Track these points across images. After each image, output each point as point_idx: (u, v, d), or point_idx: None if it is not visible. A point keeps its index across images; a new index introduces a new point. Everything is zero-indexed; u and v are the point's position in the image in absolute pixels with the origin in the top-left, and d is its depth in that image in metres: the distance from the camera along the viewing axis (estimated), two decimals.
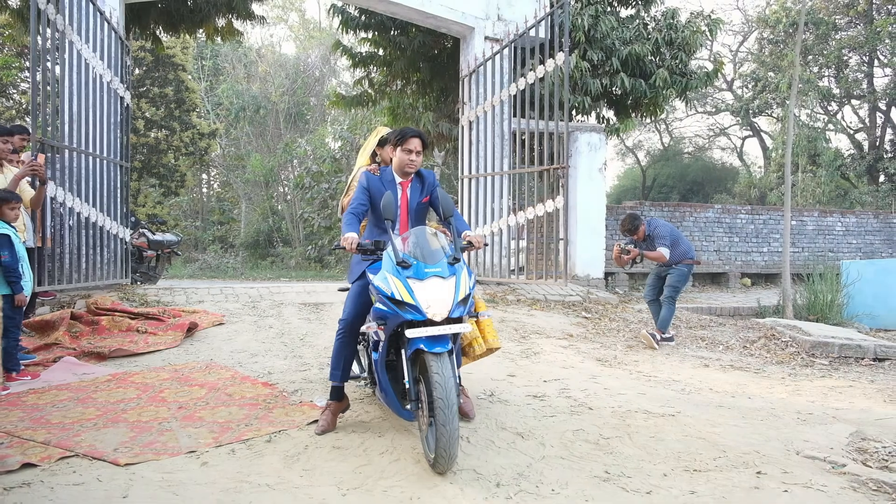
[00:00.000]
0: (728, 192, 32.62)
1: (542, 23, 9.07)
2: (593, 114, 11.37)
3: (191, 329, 6.48)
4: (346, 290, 4.29)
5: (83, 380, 5.12)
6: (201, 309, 7.32)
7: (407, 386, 3.40)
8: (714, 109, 34.75)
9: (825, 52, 26.75)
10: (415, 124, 11.31)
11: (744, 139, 36.17)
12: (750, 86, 30.68)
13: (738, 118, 31.29)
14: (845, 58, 27.71)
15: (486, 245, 4.04)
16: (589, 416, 4.35)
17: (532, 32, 9.01)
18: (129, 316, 6.79)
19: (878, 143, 27.56)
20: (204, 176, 30.21)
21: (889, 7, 26.16)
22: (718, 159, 37.69)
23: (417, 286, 3.35)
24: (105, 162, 7.34)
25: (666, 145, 36.34)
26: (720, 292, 12.62)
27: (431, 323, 3.29)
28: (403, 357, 3.42)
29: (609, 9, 10.82)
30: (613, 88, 10.63)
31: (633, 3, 11.11)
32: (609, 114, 11.80)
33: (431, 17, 9.50)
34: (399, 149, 3.96)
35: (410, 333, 3.23)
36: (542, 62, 8.88)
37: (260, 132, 26.33)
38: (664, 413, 4.51)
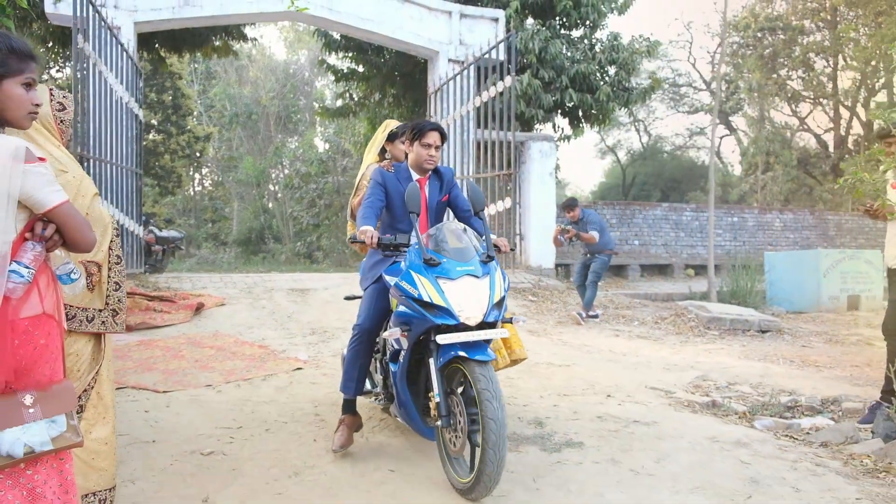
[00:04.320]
0: (703, 190, 34.19)
1: (500, 45, 10.51)
2: (549, 123, 12.86)
3: (199, 308, 7.91)
4: (353, 298, 4.18)
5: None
6: (205, 293, 8.75)
7: (436, 400, 3.00)
8: (692, 109, 36.17)
9: (793, 56, 28.01)
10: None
11: (721, 138, 37.68)
12: (723, 87, 32.13)
13: (714, 118, 32.81)
14: (812, 61, 29.06)
15: (512, 250, 3.76)
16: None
17: (492, 54, 10.45)
18: (146, 298, 8.21)
19: (842, 143, 29.01)
20: (197, 175, 31.53)
21: (852, 14, 27.54)
22: (696, 158, 39.26)
23: (448, 286, 3.02)
24: (125, 170, 8.77)
25: (645, 144, 37.82)
26: (665, 281, 14.14)
27: (464, 328, 2.97)
28: (432, 368, 3.05)
29: (561, 31, 12.30)
30: (565, 102, 12.10)
31: (582, 26, 12.59)
32: (563, 123, 13.30)
33: (401, 42, 10.95)
34: (417, 143, 3.62)
35: (443, 339, 2.92)
36: (501, 79, 10.32)
37: (251, 135, 27.69)
38: (562, 364, 6.00)
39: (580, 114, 12.65)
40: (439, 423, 3.02)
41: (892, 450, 3.56)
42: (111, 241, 2.79)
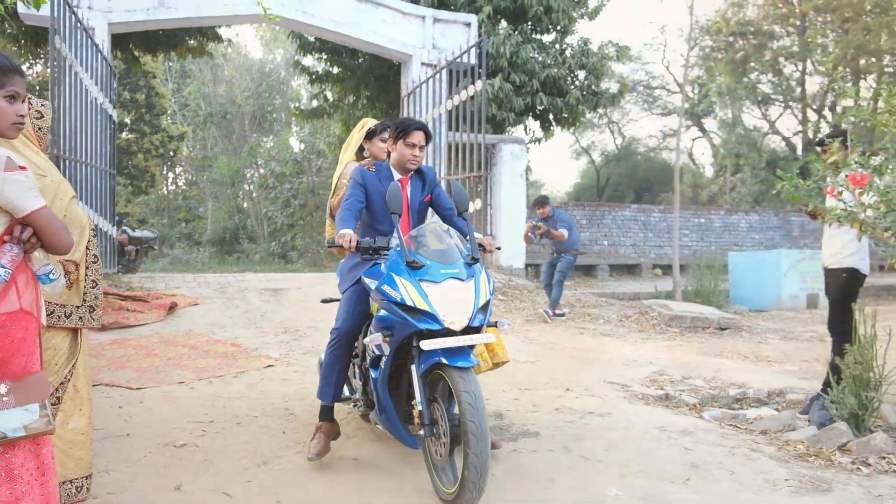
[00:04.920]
0: (673, 191, 34.74)
1: (471, 50, 10.72)
2: (520, 126, 13.11)
3: (172, 308, 8.01)
4: (330, 301, 4.06)
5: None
6: (179, 293, 8.85)
7: (419, 408, 2.93)
8: (665, 112, 36.69)
9: (763, 60, 28.54)
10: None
11: (693, 140, 38.29)
12: (695, 90, 32.67)
13: (688, 120, 33.41)
14: (781, 65, 29.64)
15: (498, 249, 3.63)
16: None
17: (465, 57, 10.65)
18: (119, 298, 8.28)
19: (810, 146, 29.61)
20: (170, 175, 31.38)
21: (820, 20, 28.14)
22: (669, 159, 39.83)
23: (432, 290, 2.93)
24: (98, 170, 8.83)
25: (619, 146, 38.31)
26: (633, 281, 14.46)
27: (449, 333, 2.90)
28: (414, 374, 2.97)
29: (533, 36, 12.55)
30: (536, 105, 12.35)
31: (553, 31, 12.85)
32: (535, 126, 13.56)
33: (375, 45, 11.12)
34: (401, 142, 3.51)
35: (426, 345, 2.84)
36: (473, 82, 10.52)
37: (226, 134, 27.64)
38: (527, 361, 6.23)
39: (551, 117, 12.92)
40: (422, 432, 2.95)
41: (824, 436, 3.82)
42: (88, 241, 2.94)
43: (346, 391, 3.71)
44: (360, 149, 4.29)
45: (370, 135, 4.19)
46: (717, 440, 3.91)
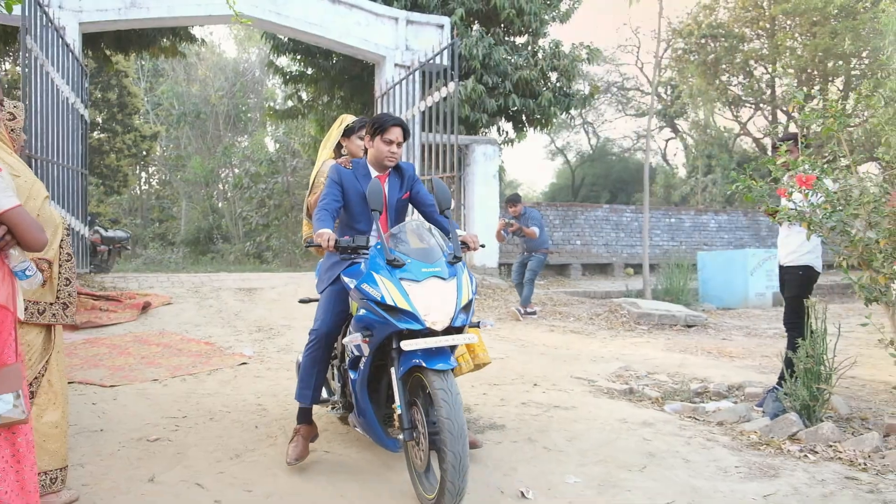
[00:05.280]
0: (649, 192, 35.20)
1: (444, 52, 10.84)
2: (494, 127, 13.26)
3: (145, 307, 8.03)
4: (308, 301, 3.98)
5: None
6: (152, 293, 8.86)
7: (398, 411, 2.88)
8: (639, 112, 37.12)
9: (734, 62, 28.99)
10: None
11: (667, 141, 38.81)
12: (668, 92, 33.12)
13: (661, 121, 33.89)
14: (751, 68, 30.12)
15: (482, 246, 3.47)
16: None
17: (437, 59, 10.77)
18: (92, 298, 8.29)
19: (776, 148, 30.11)
20: (143, 174, 31.12)
21: (789, 23, 28.68)
22: (643, 160, 40.28)
23: (414, 289, 2.88)
24: (70, 170, 8.81)
25: (593, 147, 38.71)
26: (605, 280, 14.69)
27: (430, 333, 2.84)
28: (393, 376, 2.92)
29: (505, 38, 12.71)
30: (509, 106, 12.52)
31: (526, 33, 13.03)
32: (508, 127, 13.72)
33: (349, 46, 11.20)
34: (378, 138, 3.44)
35: (407, 346, 2.79)
36: (446, 84, 10.64)
37: (200, 134, 27.48)
38: (497, 357, 6.33)
39: (524, 118, 13.09)
40: (402, 436, 2.88)
41: (776, 426, 4.00)
42: (62, 240, 3.02)
43: (324, 393, 3.64)
44: (339, 146, 4.21)
45: (348, 132, 4.11)
46: (675, 431, 4.08)
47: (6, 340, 2.17)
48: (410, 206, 3.70)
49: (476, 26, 12.69)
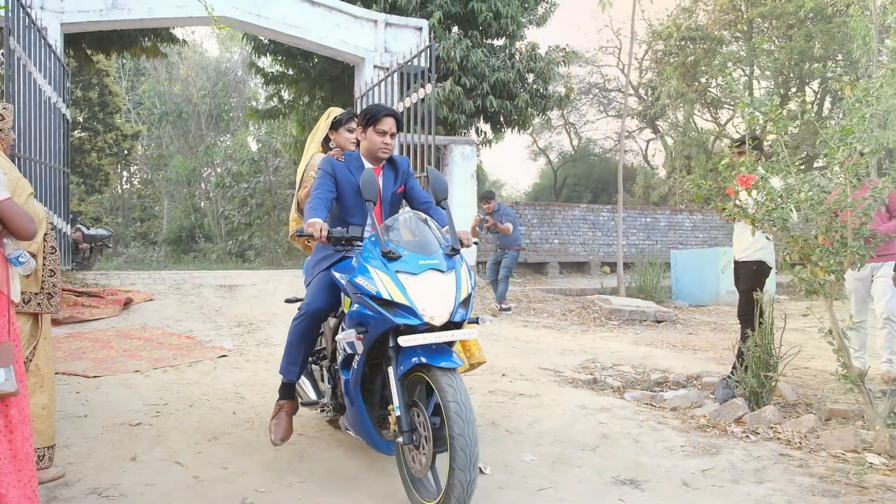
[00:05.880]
0: (629, 192, 35.60)
1: (422, 54, 11.07)
2: (472, 128, 13.51)
3: (127, 303, 8.18)
4: (294, 300, 3.83)
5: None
6: (134, 289, 9.01)
7: (397, 413, 2.71)
8: (620, 113, 37.45)
9: (713, 65, 29.36)
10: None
11: (647, 141, 39.24)
12: (648, 94, 33.52)
13: (642, 122, 34.35)
14: (729, 70, 30.53)
15: (476, 244, 3.36)
16: None
17: (416, 61, 10.98)
18: (74, 294, 8.42)
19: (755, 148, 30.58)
20: (125, 173, 31.06)
21: (767, 25, 29.13)
22: (624, 160, 40.67)
23: (411, 282, 2.73)
24: (52, 169, 8.93)
25: (575, 147, 39.06)
26: (582, 278, 14.98)
27: (429, 329, 2.70)
28: (390, 376, 2.76)
29: (483, 41, 12.96)
30: (486, 108, 12.77)
31: (503, 36, 13.29)
32: (486, 127, 13.97)
33: (329, 48, 11.39)
34: (371, 130, 3.34)
35: (405, 341, 2.63)
36: (423, 85, 10.86)
37: (182, 133, 27.51)
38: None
39: (501, 119, 13.35)
40: (400, 439, 2.71)
41: (724, 410, 4.27)
42: (46, 234, 3.22)
43: (312, 395, 3.52)
44: (326, 140, 4.11)
45: (336, 125, 4.01)
46: (630, 416, 4.33)
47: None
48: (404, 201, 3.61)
49: (454, 29, 12.93)
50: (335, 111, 4.14)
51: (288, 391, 3.44)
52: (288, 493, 3.01)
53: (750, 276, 5.19)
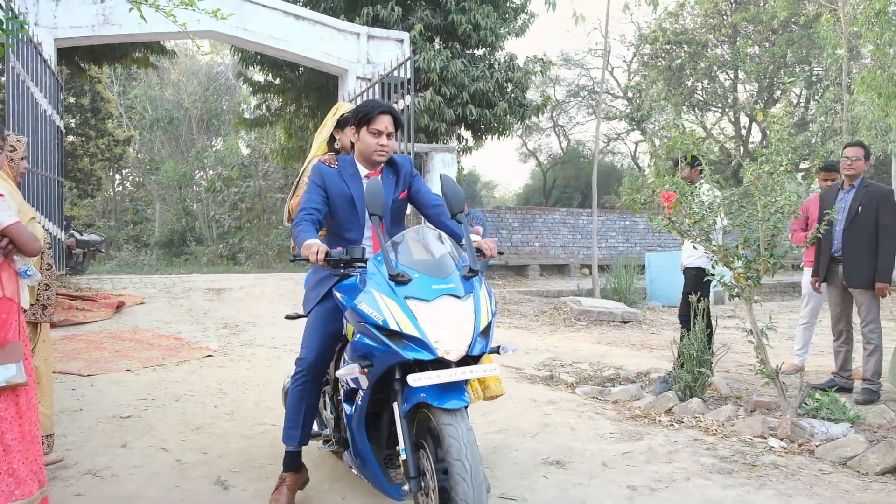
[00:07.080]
0: (617, 194, 36.10)
1: (402, 65, 11.54)
2: (453, 136, 14.00)
3: (119, 307, 8.62)
4: (295, 317, 3.33)
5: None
6: (126, 293, 9.45)
7: (403, 456, 2.43)
8: (609, 116, 37.93)
9: (698, 68, 29.87)
10: (305, 144, 13.65)
11: (636, 143, 39.72)
12: (637, 97, 34.02)
13: (630, 125, 34.92)
14: (714, 73, 31.06)
15: (500, 254, 2.96)
16: None
17: (397, 72, 11.45)
18: (68, 298, 8.86)
19: (741, 150, 31.18)
20: (117, 177, 31.45)
21: (750, 29, 29.66)
22: (613, 162, 41.26)
23: (422, 310, 2.40)
24: (47, 178, 9.38)
25: (564, 149, 39.54)
26: (561, 280, 15.47)
27: (442, 364, 2.36)
28: (397, 415, 2.46)
29: (463, 52, 13.46)
30: (467, 116, 13.25)
31: (482, 47, 13.79)
32: (468, 134, 14.47)
33: (313, 60, 11.87)
34: (364, 130, 2.96)
35: (415, 381, 2.29)
36: (404, 96, 11.33)
37: (173, 138, 27.92)
38: None
39: (482, 126, 13.85)
40: (408, 487, 2.44)
41: (657, 402, 4.76)
42: (43, 253, 3.68)
43: (315, 426, 3.16)
44: (332, 139, 3.69)
45: (343, 123, 3.52)
46: (573, 408, 4.81)
47: (11, 323, 2.83)
48: (410, 206, 3.22)
49: (436, 40, 13.41)
50: (344, 107, 3.73)
51: (292, 461, 3.04)
52: (259, 473, 3.47)
53: (691, 281, 5.70)
